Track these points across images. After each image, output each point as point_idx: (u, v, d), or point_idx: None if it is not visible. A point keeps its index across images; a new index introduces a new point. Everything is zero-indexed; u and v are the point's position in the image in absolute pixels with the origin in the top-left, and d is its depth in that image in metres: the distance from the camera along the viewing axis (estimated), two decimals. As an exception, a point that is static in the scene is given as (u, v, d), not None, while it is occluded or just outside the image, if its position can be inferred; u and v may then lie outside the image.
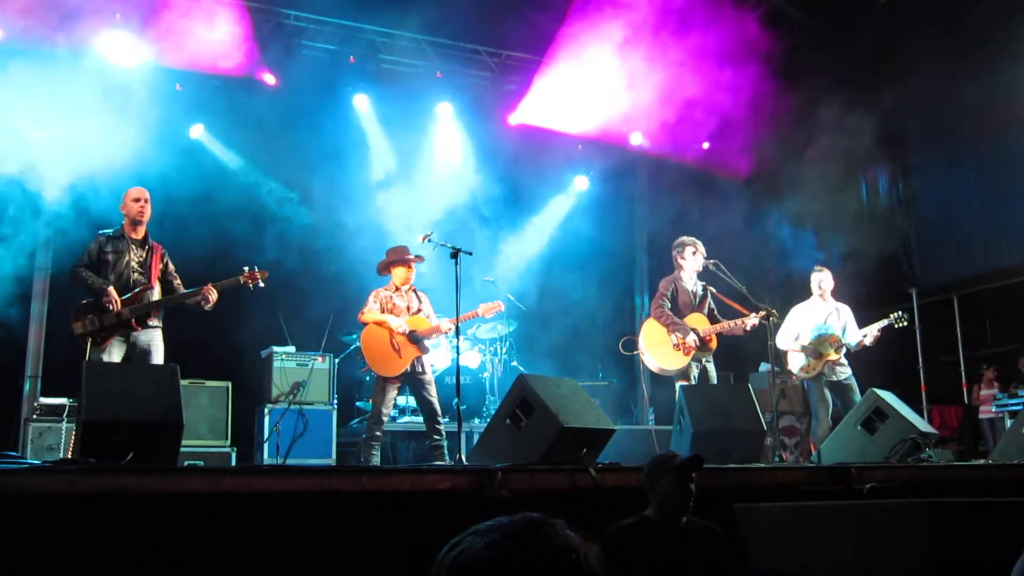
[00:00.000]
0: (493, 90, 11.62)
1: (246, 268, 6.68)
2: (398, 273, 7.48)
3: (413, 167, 11.13)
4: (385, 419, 7.38)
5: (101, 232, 6.55)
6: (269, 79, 10.31)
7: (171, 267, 6.68)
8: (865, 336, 8.04)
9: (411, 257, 7.50)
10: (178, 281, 6.65)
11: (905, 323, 8.18)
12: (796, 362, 8.20)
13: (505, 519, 1.36)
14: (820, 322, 8.18)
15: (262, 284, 6.72)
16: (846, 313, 8.29)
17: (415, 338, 7.26)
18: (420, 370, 7.31)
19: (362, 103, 11.05)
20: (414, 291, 7.58)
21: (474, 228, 10.70)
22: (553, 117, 11.87)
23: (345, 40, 10.69)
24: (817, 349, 8.06)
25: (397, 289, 7.48)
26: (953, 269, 11.75)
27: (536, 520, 1.35)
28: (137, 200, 6.57)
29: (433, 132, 11.33)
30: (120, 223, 6.62)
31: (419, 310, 7.48)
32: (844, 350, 8.09)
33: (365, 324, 7.38)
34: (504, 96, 11.66)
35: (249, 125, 9.88)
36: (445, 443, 7.22)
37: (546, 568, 1.30)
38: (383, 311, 7.37)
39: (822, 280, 8.31)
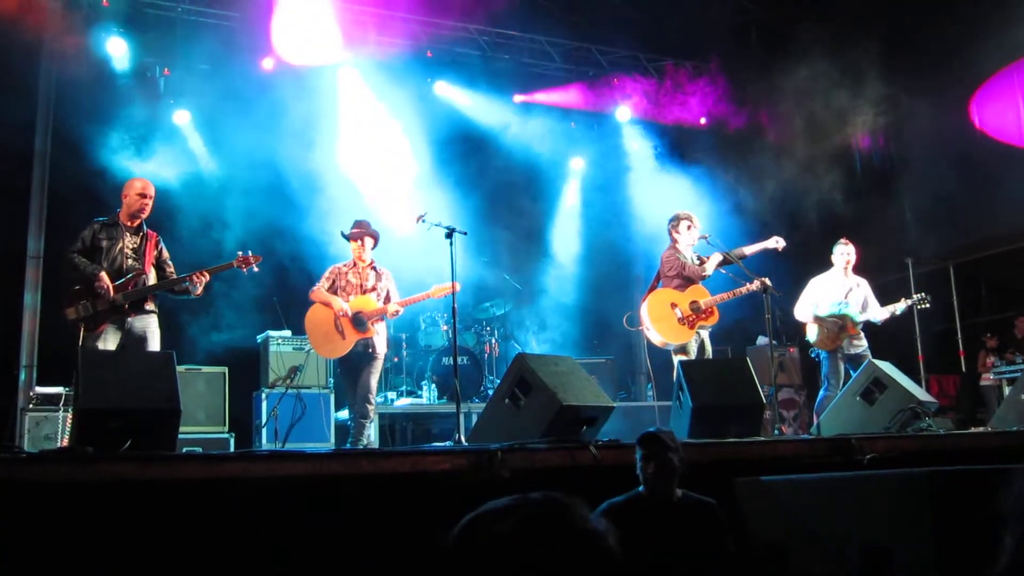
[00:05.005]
0: (486, 68, 11.53)
1: (240, 252, 6.62)
2: (352, 248, 7.34)
3: (408, 147, 11.04)
4: (360, 398, 7.15)
5: (96, 219, 6.50)
6: (266, 62, 10.25)
7: (165, 254, 6.63)
8: (893, 314, 8.04)
9: (356, 232, 7.31)
10: (171, 268, 6.60)
11: (928, 304, 8.16)
12: (814, 333, 8.15)
13: (521, 497, 1.34)
14: (840, 297, 8.13)
15: (256, 269, 6.67)
16: (866, 288, 8.24)
17: (359, 320, 7.04)
18: (369, 351, 7.10)
19: (353, 83, 10.94)
20: (373, 268, 7.35)
21: (469, 207, 10.62)
22: (548, 94, 11.88)
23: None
24: (839, 322, 8.02)
25: (355, 265, 7.30)
26: (948, 238, 11.74)
27: (554, 498, 1.33)
28: (143, 196, 6.51)
29: (428, 111, 11.23)
30: (116, 210, 6.56)
31: (373, 288, 7.25)
32: (862, 324, 8.08)
33: (314, 302, 7.19)
34: (496, 74, 11.58)
35: (238, 108, 9.79)
36: (369, 423, 7.08)
37: (564, 546, 1.28)
38: (335, 286, 7.19)
39: (847, 254, 8.25)
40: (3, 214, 9.14)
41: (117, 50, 9.60)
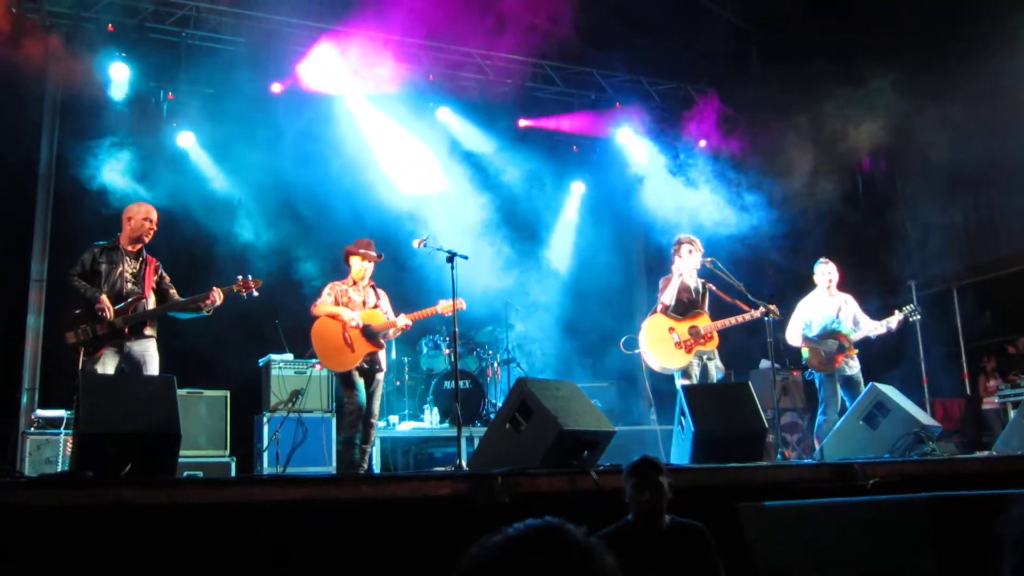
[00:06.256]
0: (488, 92, 11.58)
1: (240, 277, 6.61)
2: (355, 265, 7.26)
3: (411, 170, 11.07)
4: (362, 412, 7.02)
5: (96, 243, 6.50)
6: (275, 87, 10.35)
7: (167, 279, 6.61)
8: (889, 328, 8.01)
9: (364, 252, 7.24)
10: (174, 291, 6.59)
11: (919, 316, 8.13)
12: (810, 356, 8.10)
13: (523, 525, 1.34)
14: (831, 314, 8.12)
15: (256, 293, 6.65)
16: (853, 305, 8.24)
17: (369, 333, 7.02)
18: (378, 367, 7.09)
19: (356, 106, 10.99)
20: (372, 287, 7.35)
21: (471, 231, 10.64)
22: (550, 118, 11.96)
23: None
24: (835, 342, 7.98)
25: (354, 283, 7.25)
26: (952, 260, 11.72)
27: (554, 525, 1.33)
28: (148, 220, 6.52)
29: (431, 134, 11.27)
30: (116, 234, 6.56)
31: (375, 306, 7.24)
32: (857, 340, 8.06)
33: (317, 317, 7.11)
34: (498, 98, 11.64)
35: (242, 131, 9.84)
36: (370, 448, 7.04)
37: (564, 574, 1.28)
38: (337, 304, 7.14)
39: (829, 272, 8.26)
40: (7, 238, 9.18)
41: (120, 75, 9.69)
